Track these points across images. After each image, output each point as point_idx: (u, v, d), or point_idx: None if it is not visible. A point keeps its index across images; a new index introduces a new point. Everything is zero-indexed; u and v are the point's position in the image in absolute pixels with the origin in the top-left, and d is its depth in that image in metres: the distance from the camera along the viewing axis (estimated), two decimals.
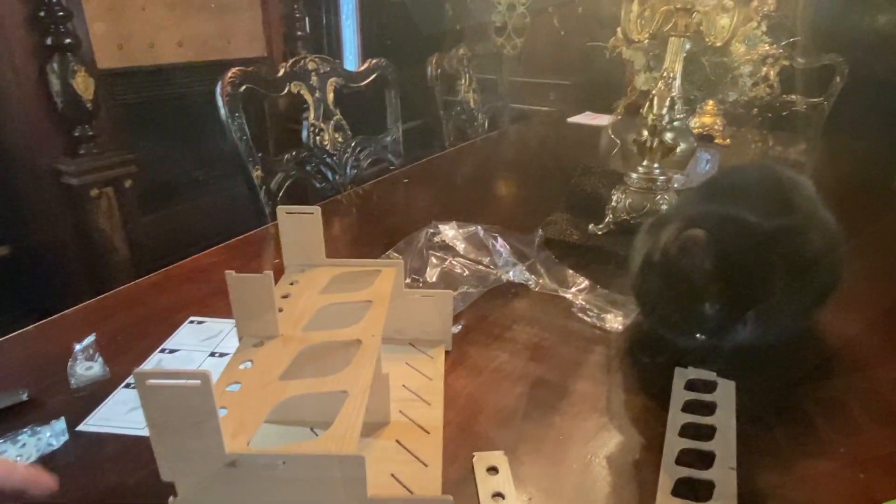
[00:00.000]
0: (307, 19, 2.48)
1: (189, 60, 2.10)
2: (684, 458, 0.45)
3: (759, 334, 0.51)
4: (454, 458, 0.46)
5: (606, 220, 0.94)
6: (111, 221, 1.78)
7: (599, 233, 0.93)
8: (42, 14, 1.57)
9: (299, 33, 2.46)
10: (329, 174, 1.17)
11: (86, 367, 0.56)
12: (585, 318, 0.68)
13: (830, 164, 1.63)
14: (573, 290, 0.74)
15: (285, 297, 0.51)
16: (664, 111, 0.86)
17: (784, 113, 1.91)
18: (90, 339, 0.58)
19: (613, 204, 0.94)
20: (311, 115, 1.13)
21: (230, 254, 0.85)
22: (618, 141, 0.96)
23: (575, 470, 0.46)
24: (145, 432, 0.48)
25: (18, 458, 0.46)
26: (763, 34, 1.09)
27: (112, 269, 1.82)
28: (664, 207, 0.90)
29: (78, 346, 0.57)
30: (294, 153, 1.11)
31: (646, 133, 0.89)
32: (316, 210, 0.54)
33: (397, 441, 0.47)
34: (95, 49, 1.78)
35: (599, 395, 0.55)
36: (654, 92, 0.87)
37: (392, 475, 0.44)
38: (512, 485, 0.43)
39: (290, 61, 1.09)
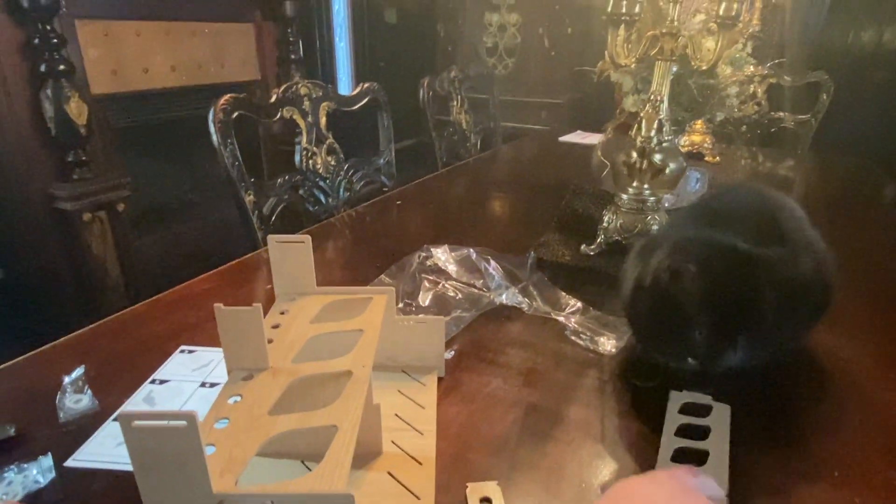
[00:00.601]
0: (300, 42, 2.51)
1: (182, 84, 2.12)
2: None
3: (751, 357, 0.51)
4: (447, 489, 0.46)
5: (598, 240, 0.94)
6: (104, 245, 1.77)
7: (591, 253, 0.93)
8: (36, 41, 1.58)
9: (293, 56, 2.49)
10: (322, 197, 1.17)
11: (75, 400, 0.55)
12: (579, 341, 0.68)
13: (819, 179, 1.65)
14: (566, 312, 0.74)
15: (275, 327, 0.51)
16: (652, 133, 0.87)
17: (772, 130, 1.94)
18: (79, 370, 0.57)
19: (605, 224, 0.94)
20: (304, 140, 1.13)
21: (222, 280, 0.85)
22: (607, 162, 0.97)
23: (569, 498, 0.45)
24: (131, 467, 0.47)
25: (4, 497, 0.45)
26: (748, 56, 1.11)
27: (105, 293, 1.81)
28: (655, 227, 0.91)
29: (67, 379, 0.56)
30: (287, 177, 1.11)
31: (635, 155, 0.90)
32: (306, 239, 0.54)
33: (389, 473, 0.47)
34: (89, 75, 1.80)
35: (593, 421, 0.54)
36: (641, 115, 0.88)
37: None
38: None
39: (283, 87, 1.10)
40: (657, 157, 0.89)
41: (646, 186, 0.92)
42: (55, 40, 1.60)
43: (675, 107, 1.05)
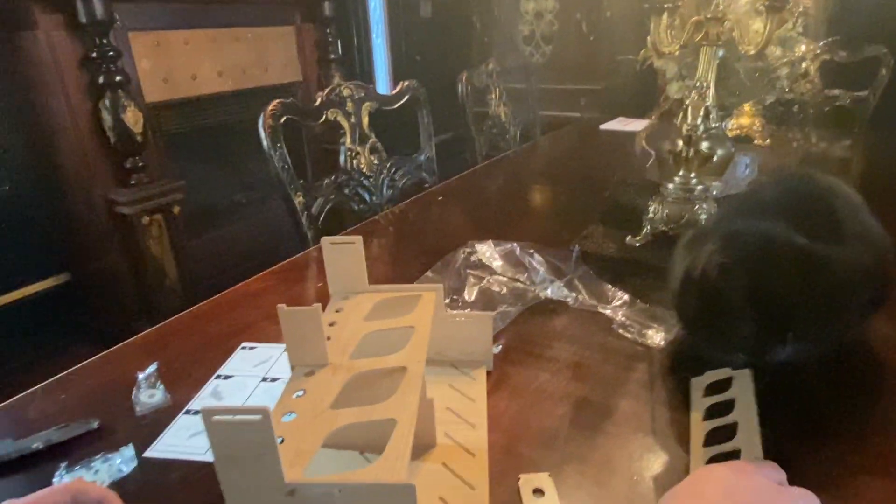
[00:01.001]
0: (339, 42, 2.55)
1: (229, 89, 2.19)
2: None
3: (803, 351, 0.50)
4: (500, 480, 0.47)
5: (644, 231, 0.93)
6: (162, 247, 1.87)
7: (637, 245, 0.92)
8: (94, 55, 1.67)
9: (332, 56, 2.54)
10: (366, 196, 1.20)
11: (149, 395, 0.60)
12: (626, 334, 0.68)
13: (878, 159, 1.57)
14: (613, 305, 0.74)
15: (332, 324, 0.53)
16: (699, 121, 0.86)
17: (826, 109, 1.85)
18: (152, 367, 0.61)
19: (650, 215, 0.93)
20: (348, 140, 1.16)
21: (276, 279, 0.88)
22: (652, 151, 0.95)
23: (621, 491, 0.46)
24: (207, 458, 0.51)
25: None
26: (799, 35, 1.06)
27: (164, 293, 1.91)
28: (703, 217, 0.89)
29: (141, 375, 0.60)
30: (333, 177, 1.14)
31: (680, 143, 0.89)
32: (358, 240, 0.56)
33: (444, 464, 0.48)
34: (143, 84, 1.88)
35: (643, 414, 0.55)
36: (687, 102, 0.87)
37: (440, 499, 0.45)
38: None
39: (327, 90, 1.13)
40: (704, 145, 0.88)
41: (692, 175, 0.90)
42: (111, 53, 1.68)
43: (721, 92, 1.02)
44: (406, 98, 1.29)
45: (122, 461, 0.51)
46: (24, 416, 0.58)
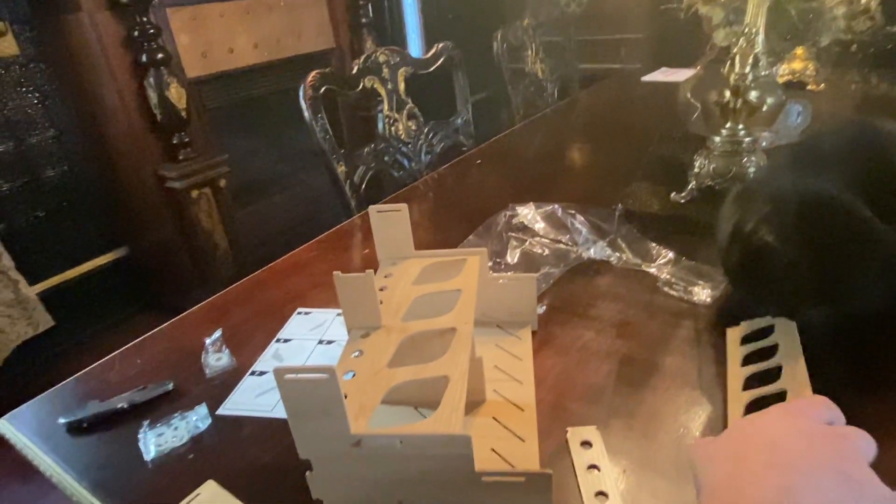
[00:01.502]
0: (370, 5, 2.52)
1: (265, 60, 2.22)
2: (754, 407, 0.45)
3: (856, 309, 0.49)
4: (548, 433, 0.49)
5: (689, 187, 0.92)
6: (211, 219, 1.94)
7: (682, 201, 0.91)
8: (136, 33, 1.71)
9: (364, 20, 2.51)
10: (405, 162, 1.21)
11: (216, 359, 0.64)
12: (672, 292, 0.68)
13: None
14: (657, 263, 0.74)
15: (382, 289, 0.55)
16: (747, 69, 0.82)
17: (888, 47, 1.73)
18: (217, 333, 0.66)
19: (696, 170, 0.91)
20: (385, 107, 1.17)
21: (323, 248, 0.91)
22: (697, 104, 0.92)
23: (667, 443, 0.47)
24: (273, 414, 0.55)
25: (173, 440, 0.54)
26: None
27: (216, 262, 1.99)
28: (751, 171, 0.87)
29: (208, 340, 0.65)
30: (373, 146, 1.16)
31: (728, 93, 0.86)
32: (403, 207, 0.58)
33: (494, 418, 0.51)
34: (183, 60, 1.92)
35: (689, 370, 0.55)
36: (734, 50, 0.83)
37: (492, 450, 0.47)
38: (606, 458, 0.46)
39: (362, 57, 1.13)
40: (753, 95, 0.84)
41: (740, 126, 0.87)
42: (152, 30, 1.72)
43: (772, 36, 0.97)
44: (441, 60, 1.28)
45: (198, 419, 0.55)
46: (106, 380, 0.64)
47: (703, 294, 0.66)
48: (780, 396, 0.45)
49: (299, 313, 0.72)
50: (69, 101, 1.90)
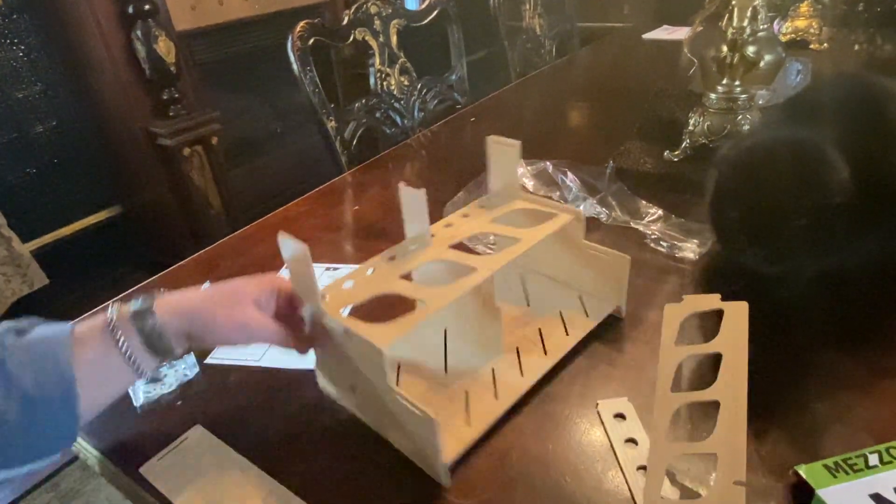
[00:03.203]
0: None
1: (256, 14, 2.15)
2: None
3: (842, 259, 0.49)
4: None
5: (683, 145, 0.91)
6: (204, 178, 1.92)
7: (675, 160, 0.90)
8: None
9: None
10: (398, 119, 1.19)
11: None
12: (659, 248, 0.68)
13: None
14: (646, 220, 0.74)
15: (466, 216, 0.58)
16: (745, 23, 0.80)
17: None
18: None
19: (690, 128, 0.90)
20: (377, 61, 1.14)
21: (315, 203, 0.91)
22: (695, 59, 0.90)
23: (649, 394, 0.48)
24: (262, 363, 0.56)
25: (162, 387, 0.55)
26: None
27: (209, 220, 1.98)
28: (746, 128, 0.85)
29: None
30: (364, 101, 1.14)
31: (725, 48, 0.84)
32: (516, 143, 0.58)
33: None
34: (172, 12, 1.87)
35: None
36: (734, 2, 0.81)
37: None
38: (642, 430, 0.45)
39: (353, 7, 1.10)
40: (751, 50, 0.83)
41: (737, 83, 0.86)
42: None
43: None
44: (435, 13, 1.25)
45: (186, 367, 0.56)
46: None
47: (689, 251, 0.66)
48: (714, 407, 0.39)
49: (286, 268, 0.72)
50: (55, 54, 1.84)
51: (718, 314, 0.42)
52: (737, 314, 0.41)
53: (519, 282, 0.63)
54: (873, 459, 0.36)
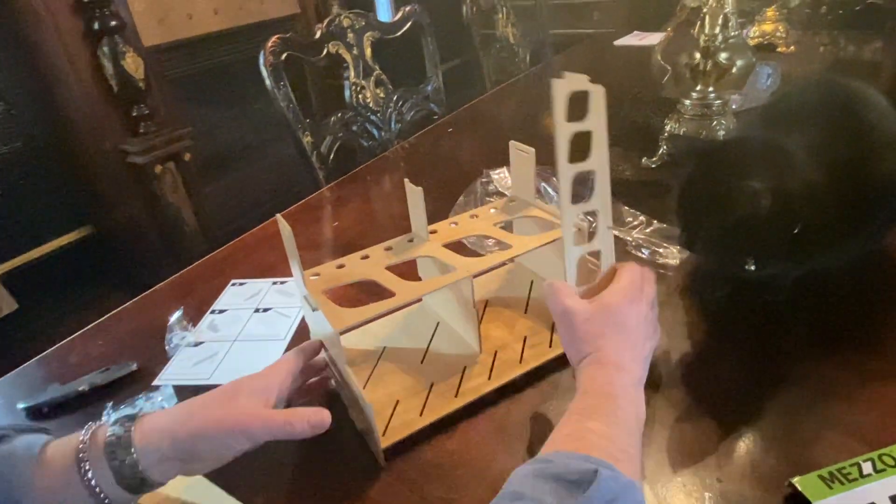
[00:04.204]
0: None
1: (226, 27, 2.12)
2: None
3: (821, 260, 0.49)
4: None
5: (660, 151, 0.91)
6: (177, 195, 1.88)
7: (653, 166, 0.91)
8: None
9: None
10: (375, 131, 1.18)
11: (180, 337, 0.62)
12: (640, 254, 0.68)
13: None
14: (627, 227, 0.74)
15: (474, 216, 0.60)
16: (717, 30, 0.81)
17: (857, 8, 1.73)
18: (179, 312, 0.64)
19: (666, 134, 0.91)
20: (352, 74, 1.13)
21: (292, 220, 0.86)
22: (668, 67, 0.91)
23: None
24: (212, 381, 0.54)
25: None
26: None
27: (185, 239, 1.94)
28: (721, 134, 0.86)
29: (172, 319, 0.63)
30: (340, 115, 1.12)
31: (698, 55, 0.85)
32: (531, 150, 0.59)
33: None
34: (139, 27, 1.83)
35: None
36: (704, 10, 0.82)
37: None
38: None
39: (326, 21, 1.08)
40: (723, 56, 0.84)
41: (710, 89, 0.87)
42: None
43: None
44: (408, 25, 1.24)
45: (164, 398, 0.54)
46: (67, 362, 0.62)
47: (670, 257, 0.66)
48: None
49: (234, 284, 0.72)
50: (18, 73, 1.79)
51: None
52: (598, 96, 0.47)
53: (527, 287, 0.63)
54: (867, 468, 0.36)
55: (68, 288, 1.99)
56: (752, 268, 0.48)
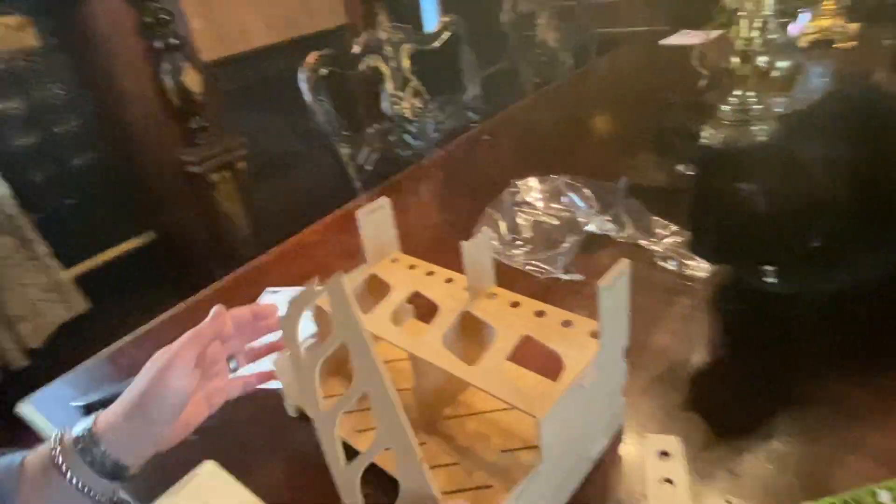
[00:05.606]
0: None
1: (277, 41, 2.21)
2: None
3: (843, 276, 0.48)
4: None
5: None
6: (232, 202, 1.98)
7: (688, 174, 0.89)
8: (149, 20, 1.73)
9: None
10: (411, 141, 1.21)
11: None
12: (668, 266, 0.67)
13: None
14: (658, 237, 0.73)
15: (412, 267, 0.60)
16: (755, 32, 0.79)
17: None
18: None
19: (703, 140, 0.89)
20: (389, 86, 1.16)
21: (328, 230, 0.93)
22: (705, 71, 0.89)
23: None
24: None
25: None
26: None
27: (240, 243, 2.04)
28: (761, 139, 0.84)
29: None
30: (377, 126, 1.16)
31: (736, 59, 0.82)
32: (386, 202, 0.61)
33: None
34: (197, 44, 1.94)
35: (677, 347, 0.55)
36: (741, 12, 0.80)
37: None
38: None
39: (363, 35, 1.12)
40: (762, 59, 0.81)
41: (750, 93, 0.84)
42: (164, 16, 1.73)
43: None
44: (446, 35, 1.26)
45: None
46: (119, 364, 0.67)
47: (699, 269, 0.65)
48: None
49: (268, 292, 0.75)
50: (90, 90, 1.94)
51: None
52: (337, 291, 0.40)
53: None
54: (884, 496, 0.35)
55: (133, 290, 2.13)
56: (773, 280, 0.47)
